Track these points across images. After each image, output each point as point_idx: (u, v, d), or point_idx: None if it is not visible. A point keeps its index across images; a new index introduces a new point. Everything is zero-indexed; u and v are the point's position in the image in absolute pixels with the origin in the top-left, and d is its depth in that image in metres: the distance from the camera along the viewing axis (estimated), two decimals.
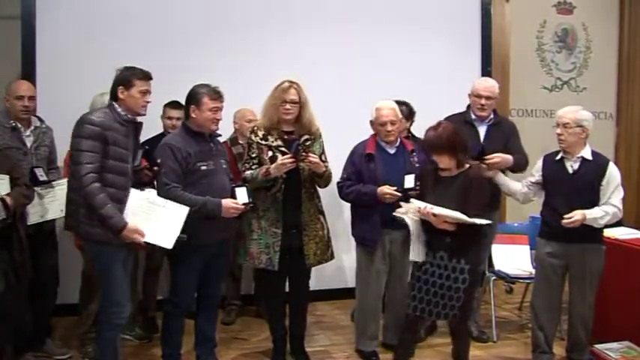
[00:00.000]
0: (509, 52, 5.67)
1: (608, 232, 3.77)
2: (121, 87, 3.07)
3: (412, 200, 3.26)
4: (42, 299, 3.70)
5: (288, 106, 3.47)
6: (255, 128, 3.58)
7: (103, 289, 3.16)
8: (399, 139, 3.78)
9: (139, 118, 3.17)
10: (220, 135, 3.55)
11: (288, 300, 3.75)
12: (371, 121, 3.78)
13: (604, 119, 6.05)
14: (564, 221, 3.34)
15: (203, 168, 3.29)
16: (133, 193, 3.06)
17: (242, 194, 3.30)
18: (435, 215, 3.10)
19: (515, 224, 4.72)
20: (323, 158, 3.60)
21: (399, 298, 3.80)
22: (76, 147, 2.97)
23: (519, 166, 4.00)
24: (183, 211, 3.09)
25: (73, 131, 3.02)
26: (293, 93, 3.48)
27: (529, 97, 5.85)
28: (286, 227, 3.51)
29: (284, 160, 3.37)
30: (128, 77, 3.07)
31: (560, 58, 6.00)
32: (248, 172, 3.53)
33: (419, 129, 3.92)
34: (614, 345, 3.72)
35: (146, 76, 3.11)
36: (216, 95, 3.32)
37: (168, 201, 3.11)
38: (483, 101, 4.02)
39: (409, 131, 4.32)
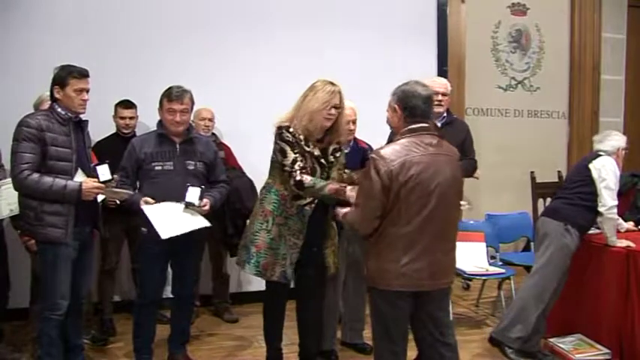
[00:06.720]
0: (464, 52, 5.77)
1: None
2: (56, 87, 3.06)
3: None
4: None
5: (333, 111, 3.12)
6: (292, 130, 3.12)
7: (43, 286, 3.13)
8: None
9: (84, 116, 3.15)
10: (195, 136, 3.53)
11: (299, 317, 3.46)
12: None
13: (557, 118, 6.20)
14: None
15: (157, 168, 3.37)
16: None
17: (194, 194, 3.33)
18: None
19: (471, 222, 4.73)
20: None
21: (358, 295, 3.80)
22: (13, 150, 2.95)
23: (465, 172, 3.84)
24: (201, 222, 3.33)
25: (13, 135, 2.99)
26: (339, 98, 3.13)
27: (484, 96, 5.96)
28: (307, 242, 3.20)
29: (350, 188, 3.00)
30: (62, 77, 3.04)
31: (515, 58, 6.13)
32: (309, 179, 3.06)
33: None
34: (567, 338, 3.82)
35: (81, 75, 3.07)
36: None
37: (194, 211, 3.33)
38: (440, 97, 4.05)
39: None
